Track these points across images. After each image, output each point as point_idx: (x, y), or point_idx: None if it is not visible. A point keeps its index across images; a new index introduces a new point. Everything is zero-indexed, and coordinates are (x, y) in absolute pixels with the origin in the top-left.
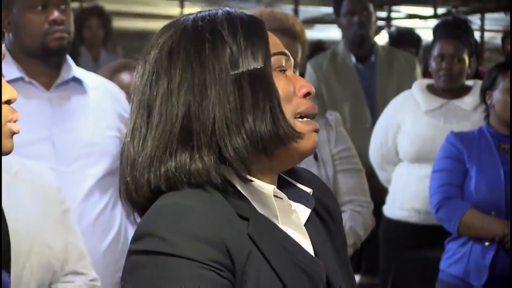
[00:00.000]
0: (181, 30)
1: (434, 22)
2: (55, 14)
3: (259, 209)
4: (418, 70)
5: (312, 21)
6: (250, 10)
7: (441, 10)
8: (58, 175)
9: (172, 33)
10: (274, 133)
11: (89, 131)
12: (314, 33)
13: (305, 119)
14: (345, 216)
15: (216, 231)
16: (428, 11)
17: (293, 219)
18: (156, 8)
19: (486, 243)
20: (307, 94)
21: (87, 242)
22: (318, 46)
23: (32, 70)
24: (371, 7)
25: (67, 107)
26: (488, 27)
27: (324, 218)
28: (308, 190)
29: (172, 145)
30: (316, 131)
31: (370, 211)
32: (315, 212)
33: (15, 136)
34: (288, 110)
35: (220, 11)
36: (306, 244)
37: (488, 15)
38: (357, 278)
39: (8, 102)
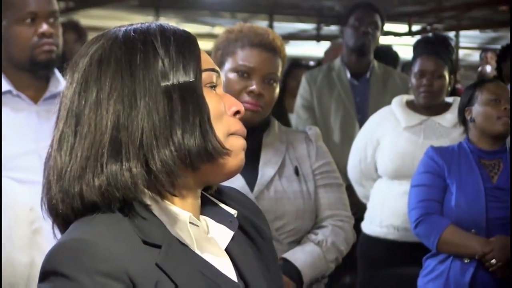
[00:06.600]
0: (112, 39)
1: (408, 39)
2: (44, 27)
3: (175, 233)
4: None
5: (286, 37)
6: (227, 26)
7: (416, 28)
8: None
9: (102, 43)
10: (202, 148)
11: None
12: (289, 49)
13: (235, 135)
14: (326, 231)
15: (118, 264)
16: (403, 28)
17: (212, 245)
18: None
19: (466, 260)
20: (237, 112)
21: None
22: (296, 63)
23: (20, 83)
24: (379, 21)
25: (55, 120)
26: (463, 45)
27: (253, 236)
28: (232, 211)
29: (102, 157)
30: (244, 149)
31: (351, 226)
32: (242, 231)
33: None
34: (219, 127)
35: (153, 24)
36: (226, 267)
37: (463, 33)
38: None
39: None
